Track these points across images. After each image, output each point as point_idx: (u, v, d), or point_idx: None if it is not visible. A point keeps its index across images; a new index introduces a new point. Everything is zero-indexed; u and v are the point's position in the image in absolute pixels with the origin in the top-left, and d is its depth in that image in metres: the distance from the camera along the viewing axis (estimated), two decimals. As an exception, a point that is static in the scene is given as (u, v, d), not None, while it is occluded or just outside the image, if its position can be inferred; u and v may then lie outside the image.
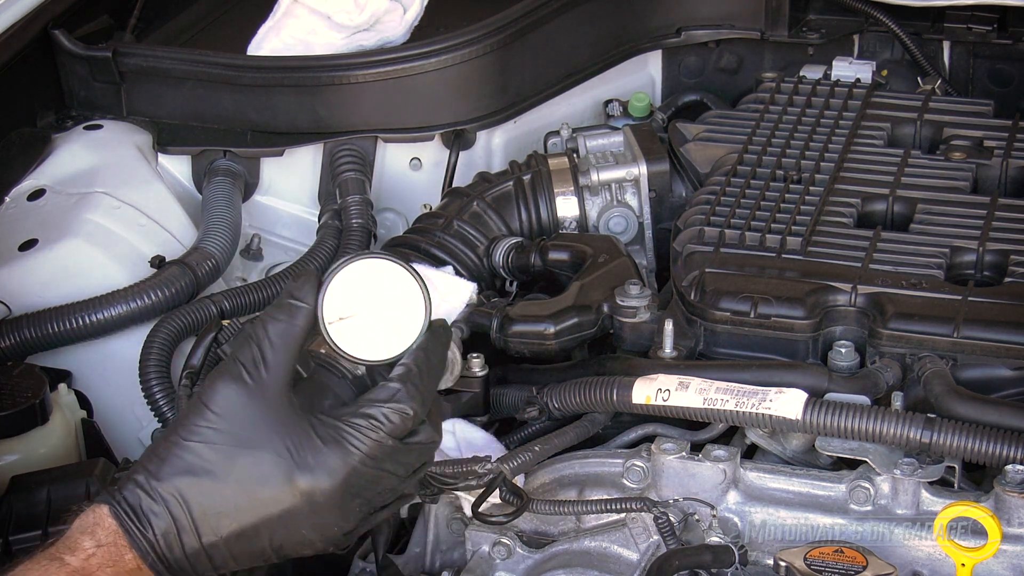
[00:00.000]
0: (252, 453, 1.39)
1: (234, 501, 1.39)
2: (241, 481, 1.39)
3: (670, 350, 1.88)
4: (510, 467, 1.72)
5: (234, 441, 1.39)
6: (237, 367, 1.41)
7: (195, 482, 1.38)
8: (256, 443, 1.39)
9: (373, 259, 1.45)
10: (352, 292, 1.44)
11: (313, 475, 1.39)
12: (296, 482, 1.39)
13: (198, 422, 1.40)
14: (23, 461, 1.92)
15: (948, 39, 2.68)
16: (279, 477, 1.39)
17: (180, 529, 1.38)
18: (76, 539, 1.38)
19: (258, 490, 1.39)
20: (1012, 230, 2.00)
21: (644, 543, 1.71)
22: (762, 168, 2.18)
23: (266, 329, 1.42)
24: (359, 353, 1.45)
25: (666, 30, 2.75)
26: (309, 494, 1.39)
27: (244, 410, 1.40)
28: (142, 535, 1.38)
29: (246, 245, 2.53)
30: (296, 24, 2.56)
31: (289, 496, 1.39)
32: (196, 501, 1.38)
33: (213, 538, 1.39)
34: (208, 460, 1.39)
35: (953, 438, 1.64)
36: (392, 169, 2.57)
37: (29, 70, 2.49)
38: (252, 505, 1.39)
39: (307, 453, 1.39)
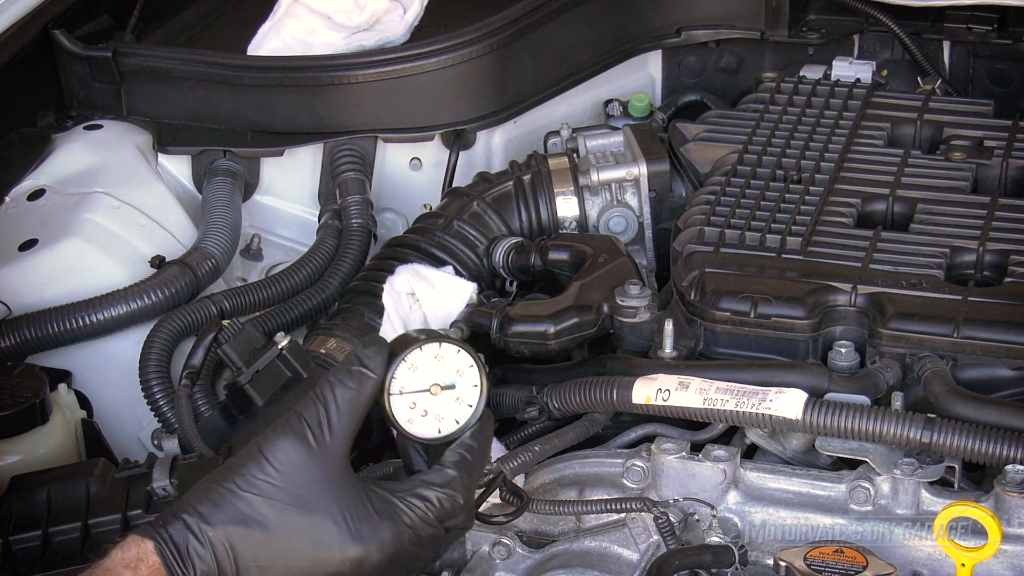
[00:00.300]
0: (308, 515, 1.40)
1: (282, 558, 1.40)
2: (292, 540, 1.40)
3: (670, 350, 1.88)
4: (510, 467, 1.72)
5: (291, 500, 1.40)
6: (303, 426, 1.42)
7: (246, 533, 1.39)
8: (314, 506, 1.41)
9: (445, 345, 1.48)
10: (417, 371, 1.47)
11: (366, 546, 1.41)
12: (348, 551, 1.41)
13: (256, 474, 1.41)
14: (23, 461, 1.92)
15: (948, 39, 2.68)
16: (333, 543, 1.41)
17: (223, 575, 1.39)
18: (119, 572, 1.37)
19: (309, 552, 1.40)
20: (1012, 230, 2.00)
21: (644, 543, 1.71)
22: (762, 168, 2.18)
23: (334, 393, 1.43)
24: (413, 430, 1.48)
25: (666, 30, 2.75)
26: (358, 563, 1.41)
27: (304, 471, 1.41)
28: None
29: (246, 245, 2.53)
30: (296, 24, 2.56)
31: (338, 562, 1.41)
32: (243, 551, 1.39)
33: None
34: (262, 514, 1.40)
35: (953, 438, 1.64)
36: (392, 169, 2.57)
37: (29, 70, 2.49)
38: (300, 564, 1.40)
39: (363, 524, 1.41)
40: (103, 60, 2.53)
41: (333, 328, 2.12)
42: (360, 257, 2.36)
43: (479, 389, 1.48)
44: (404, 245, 2.24)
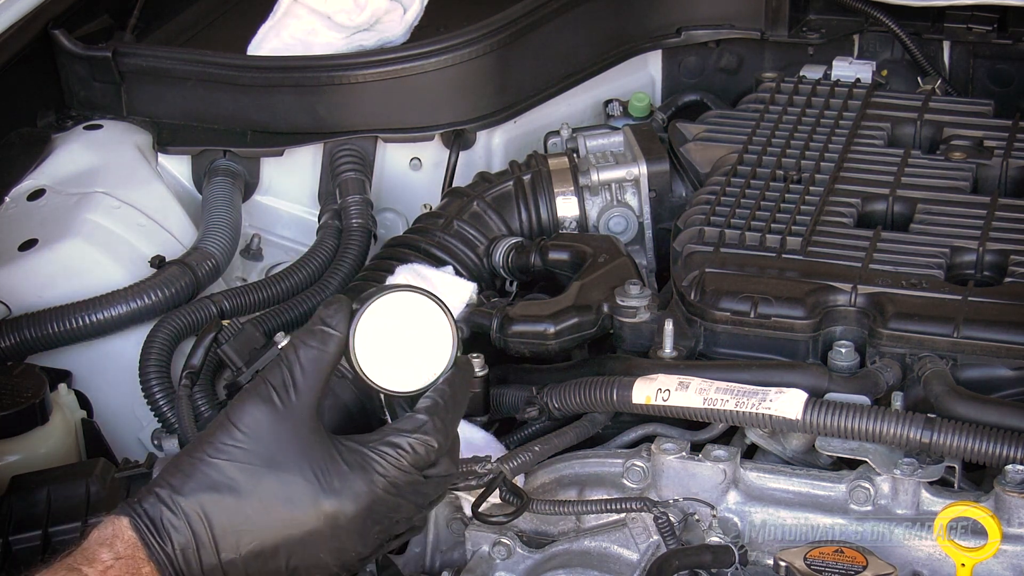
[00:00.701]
0: (278, 474, 1.40)
1: (256, 520, 1.40)
2: (265, 501, 1.40)
3: (670, 350, 1.88)
4: (510, 467, 1.72)
5: (261, 461, 1.40)
6: (267, 389, 1.42)
7: (218, 499, 1.39)
8: (283, 465, 1.40)
9: (405, 293, 1.47)
10: (383, 323, 1.46)
11: (339, 499, 1.41)
12: (321, 505, 1.40)
13: (225, 440, 1.41)
14: (23, 461, 1.92)
15: (948, 39, 2.68)
16: (305, 499, 1.40)
17: (199, 544, 1.39)
18: (95, 550, 1.38)
19: (282, 511, 1.40)
20: (1012, 230, 2.00)
21: (644, 543, 1.71)
22: (762, 168, 2.18)
23: (297, 354, 1.43)
24: (387, 384, 1.47)
25: (666, 30, 2.75)
26: (333, 517, 1.41)
27: (272, 432, 1.41)
28: (161, 549, 1.38)
29: (246, 245, 2.53)
30: (296, 24, 2.57)
31: (313, 519, 1.40)
32: (218, 518, 1.39)
33: (232, 555, 1.39)
34: (233, 478, 1.40)
35: (953, 438, 1.64)
36: (392, 169, 2.57)
37: (29, 70, 2.49)
38: (275, 525, 1.40)
39: (333, 477, 1.41)
40: (103, 60, 2.53)
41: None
42: (360, 257, 2.37)
43: (450, 334, 1.47)
44: (404, 245, 2.24)
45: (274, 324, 2.20)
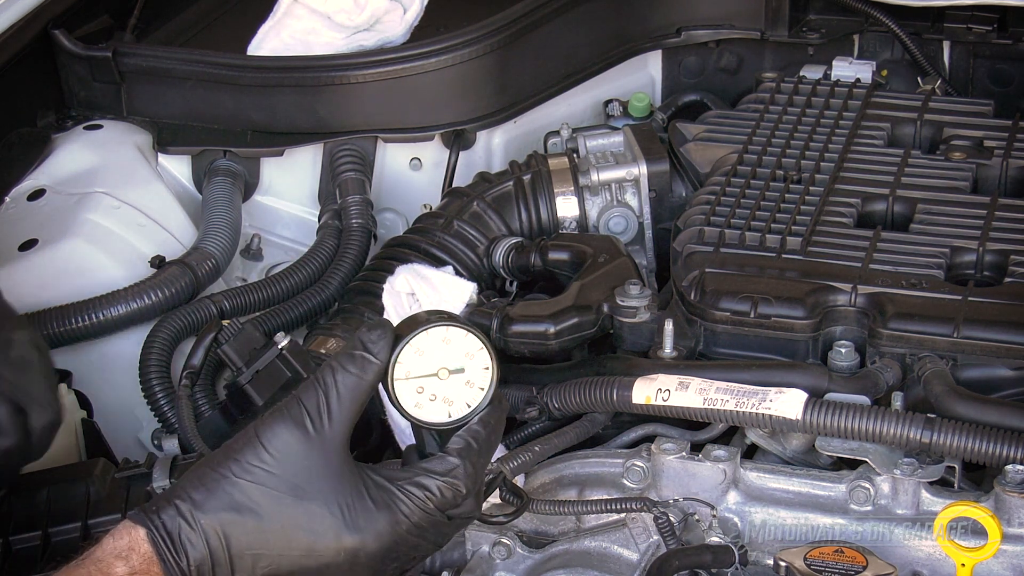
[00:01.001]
0: (303, 504, 1.38)
1: (275, 546, 1.38)
2: (287, 529, 1.38)
3: (670, 350, 1.88)
4: (510, 467, 1.72)
5: (287, 488, 1.38)
6: (300, 412, 1.40)
7: (239, 520, 1.38)
8: (309, 495, 1.39)
9: (449, 326, 1.45)
10: (424, 355, 1.45)
11: (361, 536, 1.39)
12: (343, 541, 1.39)
13: (252, 460, 1.39)
14: (23, 461, 1.92)
15: (948, 39, 2.68)
16: (328, 533, 1.39)
17: (215, 563, 1.37)
18: (109, 563, 1.36)
19: (303, 540, 1.39)
20: (1012, 230, 2.00)
21: (644, 543, 1.71)
22: (762, 168, 2.18)
23: (335, 378, 1.40)
24: (421, 415, 1.45)
25: (666, 30, 2.75)
26: (353, 554, 1.39)
27: (302, 459, 1.39)
28: (176, 564, 1.36)
29: (246, 245, 2.53)
30: (296, 24, 2.56)
31: (332, 552, 1.39)
32: (236, 539, 1.37)
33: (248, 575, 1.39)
34: (256, 502, 1.38)
35: (953, 438, 1.64)
36: (392, 169, 2.57)
37: (29, 70, 2.49)
38: (292, 553, 1.39)
39: (359, 515, 1.39)
40: (103, 60, 2.53)
41: (333, 328, 2.12)
42: (360, 257, 2.36)
43: (490, 371, 1.46)
44: (404, 245, 2.24)
45: (274, 324, 2.20)
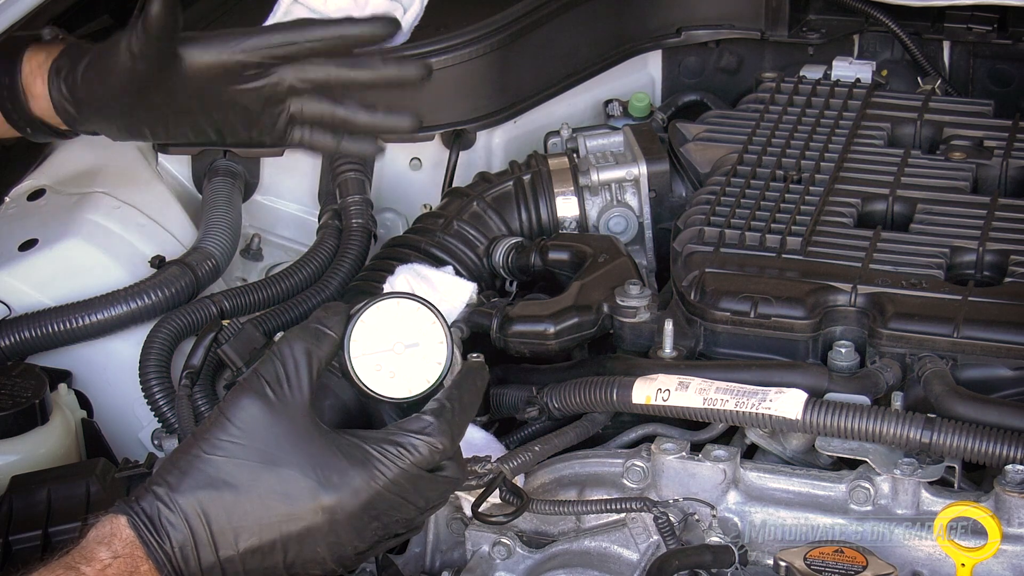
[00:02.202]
0: (276, 470, 1.40)
1: (255, 516, 1.39)
2: (264, 497, 1.39)
3: (670, 350, 1.88)
4: (510, 467, 1.72)
5: (258, 457, 1.40)
6: (260, 382, 1.42)
7: (216, 496, 1.39)
8: (281, 460, 1.40)
9: (400, 300, 1.48)
10: (378, 330, 1.47)
11: (338, 494, 1.40)
12: (320, 500, 1.40)
13: (220, 436, 1.41)
14: (23, 461, 1.92)
15: (948, 39, 2.68)
16: (304, 495, 1.40)
17: (198, 542, 1.39)
18: (92, 549, 1.38)
19: (281, 506, 1.40)
20: (1012, 230, 2.00)
21: (644, 543, 1.71)
22: (762, 168, 2.18)
23: (291, 347, 1.43)
24: (382, 390, 1.48)
25: (666, 30, 2.75)
26: (331, 512, 1.40)
27: (267, 426, 1.41)
28: (159, 546, 1.38)
29: (246, 245, 2.53)
30: (296, 24, 2.56)
31: (311, 514, 1.40)
32: (216, 515, 1.39)
33: (230, 552, 1.39)
34: (230, 475, 1.40)
35: (953, 438, 1.64)
36: (392, 169, 2.57)
37: (29, 70, 2.49)
38: (273, 521, 1.40)
39: (332, 473, 1.40)
40: (103, 60, 2.52)
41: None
42: (360, 257, 2.37)
43: (444, 344, 1.48)
44: (404, 245, 2.24)
45: (274, 324, 2.20)
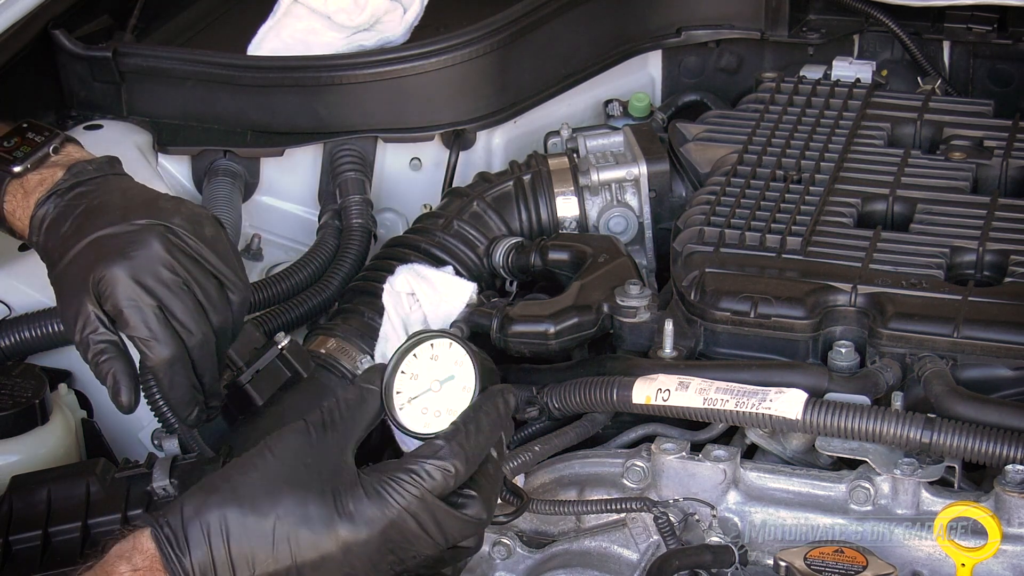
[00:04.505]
0: (297, 493, 1.40)
1: (273, 540, 1.39)
2: (283, 519, 1.39)
3: (670, 350, 1.88)
4: (510, 467, 1.72)
5: (283, 480, 1.41)
6: (305, 425, 1.45)
7: (239, 515, 1.39)
8: (303, 484, 1.41)
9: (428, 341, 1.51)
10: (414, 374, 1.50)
11: (353, 524, 1.40)
12: (336, 529, 1.40)
13: (256, 460, 1.42)
14: (23, 461, 1.92)
15: (948, 39, 2.68)
16: (320, 520, 1.40)
17: (216, 561, 1.38)
18: (113, 563, 1.38)
19: (298, 531, 1.39)
20: (1012, 230, 2.00)
21: (644, 543, 1.71)
22: (762, 168, 2.18)
23: (339, 404, 1.46)
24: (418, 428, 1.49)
25: (666, 30, 2.75)
26: (346, 542, 1.40)
27: (301, 457, 1.42)
28: (179, 562, 1.37)
29: (246, 245, 2.52)
30: (296, 24, 2.56)
31: (327, 542, 1.40)
32: (236, 534, 1.39)
33: (247, 574, 1.39)
34: (255, 495, 1.40)
35: (953, 438, 1.64)
36: (392, 169, 2.57)
37: (29, 70, 2.49)
38: (290, 546, 1.39)
39: (350, 501, 1.40)
40: (103, 60, 2.53)
41: (333, 328, 2.12)
42: (360, 257, 2.36)
43: (473, 374, 1.49)
44: (404, 245, 2.24)
45: (274, 324, 2.19)
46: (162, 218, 1.73)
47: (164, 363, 1.69)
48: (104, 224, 1.73)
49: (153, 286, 1.68)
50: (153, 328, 1.68)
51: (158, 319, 1.68)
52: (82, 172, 1.84)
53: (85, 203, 1.79)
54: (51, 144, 1.90)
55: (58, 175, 1.84)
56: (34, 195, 1.83)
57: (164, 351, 1.68)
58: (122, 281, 1.67)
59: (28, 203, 1.84)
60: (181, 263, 1.71)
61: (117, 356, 1.69)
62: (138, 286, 1.67)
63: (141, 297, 1.67)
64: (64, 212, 1.80)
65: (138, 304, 1.67)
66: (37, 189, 1.84)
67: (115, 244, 1.70)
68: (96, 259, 1.69)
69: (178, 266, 1.70)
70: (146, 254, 1.70)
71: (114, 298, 1.67)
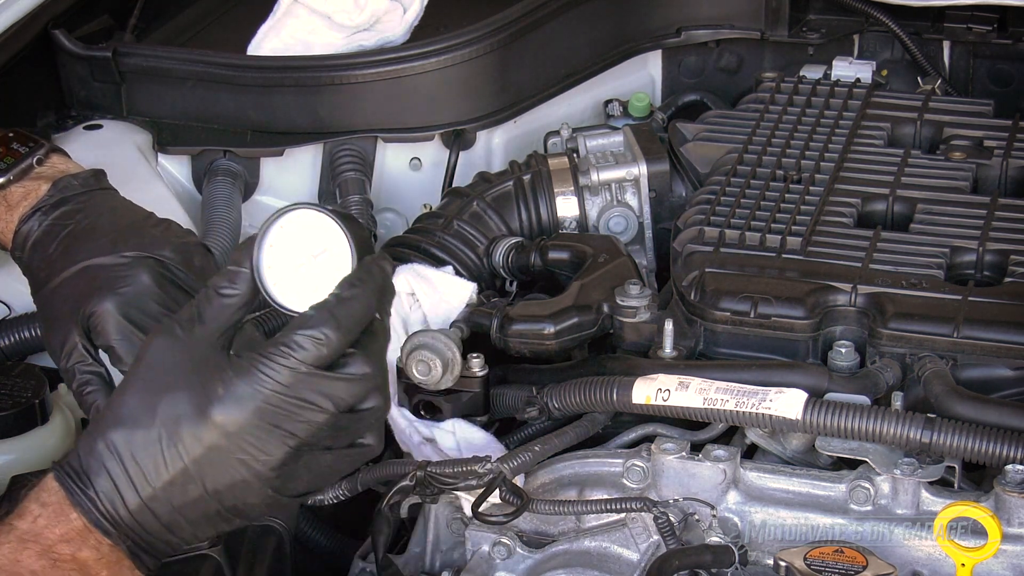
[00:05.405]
0: (170, 394, 1.39)
1: (161, 447, 1.38)
2: (164, 424, 1.38)
3: (670, 350, 1.88)
4: (510, 467, 1.72)
5: (157, 386, 1.40)
6: (172, 324, 1.43)
7: (124, 432, 1.39)
8: (174, 385, 1.39)
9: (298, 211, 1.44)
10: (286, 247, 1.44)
11: (224, 405, 1.38)
12: (210, 415, 1.38)
13: (130, 376, 1.42)
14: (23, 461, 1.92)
15: (948, 39, 2.68)
16: (193, 412, 1.38)
17: (118, 484, 1.38)
18: (24, 506, 1.40)
19: (178, 430, 1.38)
20: (1012, 230, 2.00)
21: (644, 543, 1.71)
22: (762, 168, 2.18)
23: (207, 292, 1.43)
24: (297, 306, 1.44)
25: (666, 30, 2.75)
26: (223, 426, 1.38)
27: (168, 359, 1.41)
28: (83, 492, 1.38)
29: (246, 245, 2.52)
30: (296, 24, 2.56)
31: (206, 431, 1.38)
32: (127, 451, 1.38)
33: (149, 490, 1.38)
34: (135, 409, 1.39)
35: (953, 438, 1.64)
36: (392, 169, 2.57)
37: (29, 70, 2.49)
38: (176, 447, 1.38)
39: (218, 385, 1.38)
40: (103, 60, 2.53)
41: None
42: (360, 257, 2.36)
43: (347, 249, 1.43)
44: (404, 245, 2.24)
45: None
46: (152, 249, 1.75)
47: None
48: (93, 251, 1.75)
49: (144, 321, 1.71)
50: None
51: None
52: (67, 187, 1.85)
53: (72, 224, 1.80)
54: (35, 155, 1.91)
55: (42, 189, 1.85)
56: (18, 209, 1.84)
57: None
58: (113, 317, 1.70)
59: (11, 217, 1.85)
60: (171, 296, 1.73)
61: (102, 388, 1.71)
62: (129, 321, 1.70)
63: (133, 333, 1.69)
64: (50, 232, 1.81)
65: (130, 340, 1.69)
66: (21, 203, 1.85)
67: (105, 277, 1.73)
68: (86, 292, 1.72)
69: (169, 299, 1.73)
70: (137, 289, 1.72)
71: (105, 334, 1.70)
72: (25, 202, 1.85)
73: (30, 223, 1.83)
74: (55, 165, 1.92)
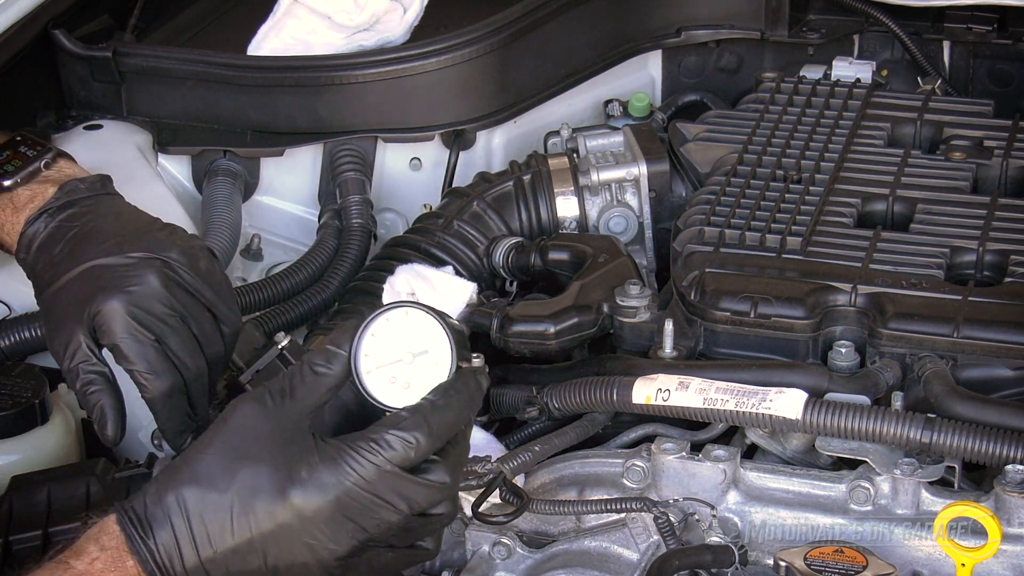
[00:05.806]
0: (252, 465, 1.40)
1: (232, 514, 1.39)
2: (240, 492, 1.39)
3: (670, 350, 1.88)
4: (510, 467, 1.72)
5: (239, 454, 1.40)
6: (263, 392, 1.43)
7: (198, 492, 1.39)
8: (258, 456, 1.40)
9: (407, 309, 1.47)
10: (388, 340, 1.45)
11: (304, 489, 1.39)
12: (288, 496, 1.39)
13: (212, 436, 1.42)
14: (23, 461, 1.92)
15: (948, 39, 2.68)
16: (273, 489, 1.39)
17: (180, 540, 1.38)
18: (82, 545, 1.39)
19: (254, 503, 1.39)
20: (1012, 230, 2.00)
21: (644, 543, 1.71)
22: (762, 168, 2.18)
23: (300, 369, 1.44)
24: (394, 402, 1.45)
25: (666, 30, 2.75)
26: (300, 509, 1.39)
27: (256, 428, 1.41)
28: (143, 542, 1.38)
29: (246, 245, 2.52)
30: (296, 24, 2.56)
31: (282, 510, 1.39)
32: (196, 511, 1.39)
33: (210, 552, 1.39)
34: (212, 470, 1.40)
35: (953, 438, 1.64)
36: (392, 169, 2.57)
37: (29, 70, 2.49)
38: (247, 518, 1.39)
39: (302, 468, 1.39)
40: (103, 60, 2.53)
41: (333, 328, 2.12)
42: (360, 257, 2.36)
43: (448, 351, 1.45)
44: (404, 245, 2.24)
45: (274, 324, 2.20)
46: (158, 251, 1.76)
47: (162, 396, 1.72)
48: (99, 253, 1.76)
49: (151, 321, 1.71)
50: (151, 362, 1.71)
51: (156, 353, 1.71)
52: (74, 191, 1.85)
53: (78, 226, 1.81)
54: (43, 159, 1.91)
55: (49, 192, 1.85)
56: (24, 211, 1.85)
57: (162, 384, 1.72)
58: (120, 316, 1.70)
59: (17, 219, 1.85)
60: (178, 298, 1.74)
61: (106, 388, 1.72)
62: (136, 321, 1.70)
63: (139, 332, 1.70)
64: (55, 234, 1.81)
65: (137, 338, 1.70)
66: (27, 205, 1.85)
67: (111, 277, 1.73)
68: (92, 291, 1.72)
69: (175, 301, 1.73)
70: (144, 290, 1.72)
71: (112, 333, 1.70)
72: (31, 204, 1.85)
73: (36, 225, 1.83)
74: (62, 169, 1.93)
